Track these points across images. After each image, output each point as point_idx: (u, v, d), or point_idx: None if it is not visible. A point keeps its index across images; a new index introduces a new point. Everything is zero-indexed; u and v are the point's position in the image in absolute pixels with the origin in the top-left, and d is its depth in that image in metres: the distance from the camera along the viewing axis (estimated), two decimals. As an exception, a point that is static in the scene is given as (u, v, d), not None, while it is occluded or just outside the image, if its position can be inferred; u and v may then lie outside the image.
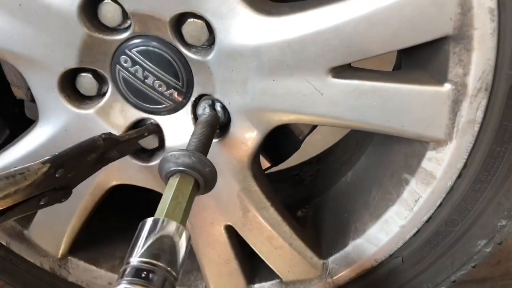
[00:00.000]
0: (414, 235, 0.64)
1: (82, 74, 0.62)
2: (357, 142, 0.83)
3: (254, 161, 0.65)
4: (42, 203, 0.52)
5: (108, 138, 0.56)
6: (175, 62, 0.60)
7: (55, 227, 0.78)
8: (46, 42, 0.58)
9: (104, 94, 0.64)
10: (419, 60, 0.56)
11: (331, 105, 0.55)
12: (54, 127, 0.65)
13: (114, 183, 0.70)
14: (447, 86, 0.53)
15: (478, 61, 0.50)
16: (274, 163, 0.80)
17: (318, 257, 0.71)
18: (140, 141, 0.66)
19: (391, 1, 0.48)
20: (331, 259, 0.71)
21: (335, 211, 0.75)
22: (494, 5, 0.46)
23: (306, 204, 0.81)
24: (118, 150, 0.61)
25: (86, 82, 0.63)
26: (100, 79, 0.63)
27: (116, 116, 0.65)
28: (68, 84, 0.63)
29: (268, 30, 0.53)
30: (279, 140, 0.76)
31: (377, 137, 0.72)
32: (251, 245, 0.71)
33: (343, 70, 0.54)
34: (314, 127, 0.81)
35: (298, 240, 0.69)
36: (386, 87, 0.54)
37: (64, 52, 0.59)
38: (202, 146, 0.55)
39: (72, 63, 0.60)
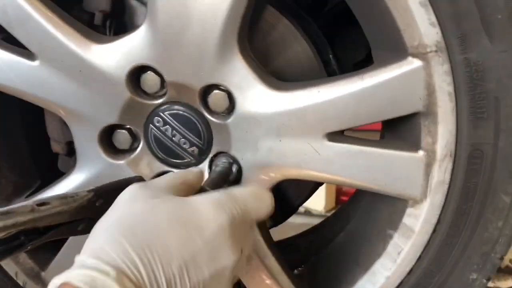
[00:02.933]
0: (398, 286, 0.72)
1: (119, 130, 0.75)
2: (348, 212, 0.94)
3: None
4: (79, 229, 0.61)
5: (141, 179, 0.67)
6: (199, 124, 0.72)
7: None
8: (96, 101, 0.71)
9: (135, 148, 0.76)
10: (398, 132, 0.69)
11: (326, 163, 0.67)
12: (89, 173, 0.76)
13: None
14: (421, 153, 0.65)
15: (443, 132, 0.63)
16: (272, 224, 0.89)
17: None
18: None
19: (374, 82, 0.63)
20: (323, 312, 0.77)
21: (329, 268, 0.83)
22: (451, 89, 0.61)
23: (302, 264, 0.89)
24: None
25: (121, 137, 0.75)
26: (133, 135, 0.76)
27: (143, 167, 0.76)
28: (106, 138, 0.75)
29: (277, 101, 0.67)
30: (278, 202, 0.86)
31: (363, 202, 0.83)
32: (251, 295, 0.77)
33: (337, 136, 0.67)
34: (309, 195, 0.92)
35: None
36: (371, 151, 0.66)
37: (108, 111, 0.72)
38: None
39: (113, 120, 0.73)
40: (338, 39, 0.92)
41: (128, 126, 0.75)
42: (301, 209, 2.48)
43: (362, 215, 0.83)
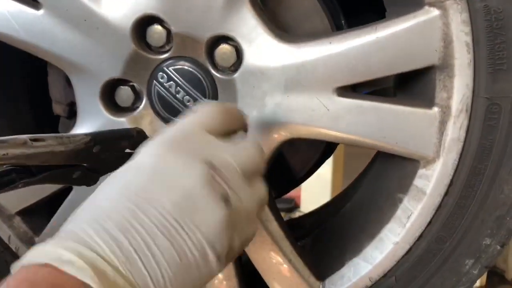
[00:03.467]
0: (407, 253, 0.68)
1: (121, 86, 0.73)
2: (354, 183, 0.91)
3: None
4: (74, 177, 0.59)
5: (141, 131, 0.65)
6: (204, 80, 0.70)
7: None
8: (100, 53, 0.69)
9: (138, 107, 0.74)
10: (411, 88, 0.67)
11: (336, 120, 0.65)
12: (89, 129, 0.73)
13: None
14: (435, 109, 0.63)
15: (459, 86, 0.60)
16: (276, 194, 0.86)
17: (315, 278, 0.74)
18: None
19: (388, 33, 0.61)
20: (327, 280, 0.74)
21: (333, 238, 0.80)
22: (469, 40, 0.59)
23: (305, 237, 0.86)
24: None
25: (124, 94, 0.73)
26: (136, 93, 0.73)
27: (145, 126, 0.73)
28: (108, 94, 0.73)
29: (287, 54, 0.65)
30: (281, 172, 0.83)
31: (372, 170, 0.80)
32: (252, 261, 0.74)
33: (347, 91, 0.65)
34: (313, 168, 0.89)
35: (297, 257, 0.73)
36: (382, 106, 0.64)
37: (112, 64, 0.70)
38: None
39: (116, 74, 0.70)
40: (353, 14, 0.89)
41: (131, 83, 0.72)
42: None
43: (370, 183, 0.80)
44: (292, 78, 0.65)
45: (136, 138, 0.63)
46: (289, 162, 0.82)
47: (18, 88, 0.91)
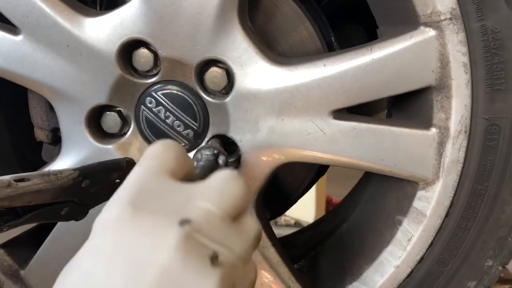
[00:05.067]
0: (408, 276, 0.67)
1: (108, 112, 0.70)
2: (349, 203, 0.89)
3: (259, 200, 0.70)
4: (63, 213, 0.55)
5: (131, 162, 0.62)
6: (194, 105, 0.68)
7: (55, 269, 0.78)
8: (84, 79, 0.66)
9: (125, 132, 0.71)
10: (407, 110, 0.65)
11: (332, 143, 0.63)
12: (75, 158, 0.70)
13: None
14: (433, 130, 0.61)
15: (457, 106, 0.59)
16: (270, 216, 0.84)
17: (315, 304, 0.72)
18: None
19: (383, 54, 0.59)
20: (327, 305, 0.72)
21: (331, 261, 0.78)
22: (467, 60, 0.57)
23: (300, 258, 0.84)
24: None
25: (110, 120, 0.70)
26: (123, 118, 0.70)
27: (133, 152, 0.71)
28: (94, 121, 0.70)
29: (280, 77, 0.63)
30: (276, 193, 0.81)
31: (368, 190, 0.78)
32: (249, 288, 0.72)
33: (343, 113, 0.63)
34: (307, 188, 0.87)
35: (296, 283, 0.71)
36: (380, 128, 0.62)
37: (97, 90, 0.67)
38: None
39: (101, 100, 0.68)
40: (338, 26, 0.88)
41: (118, 108, 0.70)
42: (291, 220, 2.45)
43: (366, 204, 0.78)
44: (286, 101, 0.63)
45: (126, 168, 0.61)
46: (284, 183, 0.80)
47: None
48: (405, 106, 0.66)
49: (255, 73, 0.63)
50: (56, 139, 0.80)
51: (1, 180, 0.46)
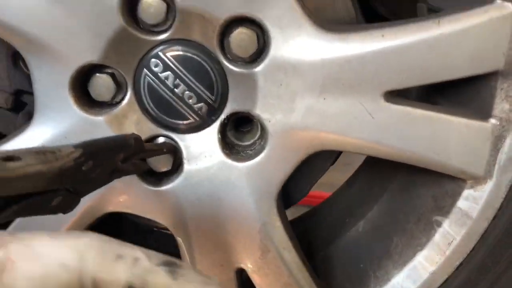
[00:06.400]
0: (444, 282, 0.60)
1: (99, 74, 0.55)
2: (366, 196, 0.80)
3: (280, 193, 0.59)
4: (54, 204, 0.41)
5: (138, 139, 0.48)
6: (212, 73, 0.55)
7: None
8: (73, 28, 0.51)
9: (120, 101, 0.56)
10: (460, 96, 0.57)
11: (380, 130, 0.54)
12: (52, 130, 0.55)
13: (109, 210, 0.59)
14: (492, 121, 0.54)
15: (526, 97, 0.52)
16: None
17: (332, 312, 0.63)
18: (150, 162, 0.58)
19: (453, 29, 0.51)
20: (347, 313, 0.64)
21: (348, 263, 0.69)
22: (545, 43, 0.50)
23: (309, 260, 0.74)
24: (133, 166, 0.52)
25: (101, 85, 0.55)
26: (118, 83, 0.56)
27: (130, 128, 0.57)
28: (80, 84, 0.55)
29: (327, 46, 0.52)
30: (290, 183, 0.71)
31: (393, 184, 0.70)
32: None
33: (396, 96, 0.54)
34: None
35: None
36: (436, 117, 0.54)
37: (90, 44, 0.52)
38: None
39: (94, 58, 0.53)
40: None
41: (111, 70, 0.55)
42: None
43: (389, 201, 0.70)
44: (332, 76, 0.52)
45: (134, 147, 0.47)
46: (303, 172, 0.70)
47: None
48: (457, 92, 0.58)
49: (297, 38, 0.52)
50: (18, 105, 0.63)
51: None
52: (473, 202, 0.57)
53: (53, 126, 0.55)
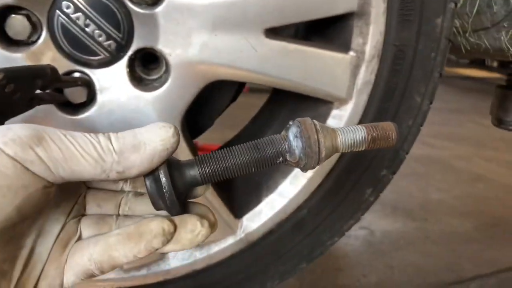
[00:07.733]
0: (319, 186, 0.75)
1: (14, 15, 0.61)
2: (260, 127, 0.94)
3: (184, 120, 0.70)
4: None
5: (54, 69, 0.56)
6: (119, 14, 0.63)
7: None
8: (-14, -29, 0.57)
9: (36, 40, 0.63)
10: (326, 34, 0.71)
11: (262, 62, 0.66)
12: (-27, 66, 0.61)
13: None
14: (351, 54, 0.68)
15: (374, 33, 0.67)
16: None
17: (233, 217, 0.77)
18: (67, 94, 0.66)
19: (316, -22, 0.63)
20: (245, 217, 0.77)
21: (246, 177, 0.83)
22: (385, -10, 0.64)
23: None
24: (50, 95, 0.61)
25: (17, 25, 0.62)
26: (33, 23, 0.62)
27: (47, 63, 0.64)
28: (-3, 23, 0.61)
29: (215, -10, 0.62)
30: (196, 114, 0.82)
31: (282, 114, 0.84)
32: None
33: (274, 33, 0.66)
34: (226, 107, 0.89)
35: (215, 197, 0.74)
36: (307, 50, 0.67)
37: (3, -15, 0.58)
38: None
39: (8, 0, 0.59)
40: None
41: (26, 12, 0.61)
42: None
43: (281, 124, 0.84)
44: (221, 16, 0.63)
45: (50, 76, 0.55)
46: (206, 103, 0.81)
47: None
48: (324, 30, 0.71)
49: (190, -16, 0.61)
50: None
51: None
52: (339, 120, 0.72)
53: (-27, 62, 0.61)
